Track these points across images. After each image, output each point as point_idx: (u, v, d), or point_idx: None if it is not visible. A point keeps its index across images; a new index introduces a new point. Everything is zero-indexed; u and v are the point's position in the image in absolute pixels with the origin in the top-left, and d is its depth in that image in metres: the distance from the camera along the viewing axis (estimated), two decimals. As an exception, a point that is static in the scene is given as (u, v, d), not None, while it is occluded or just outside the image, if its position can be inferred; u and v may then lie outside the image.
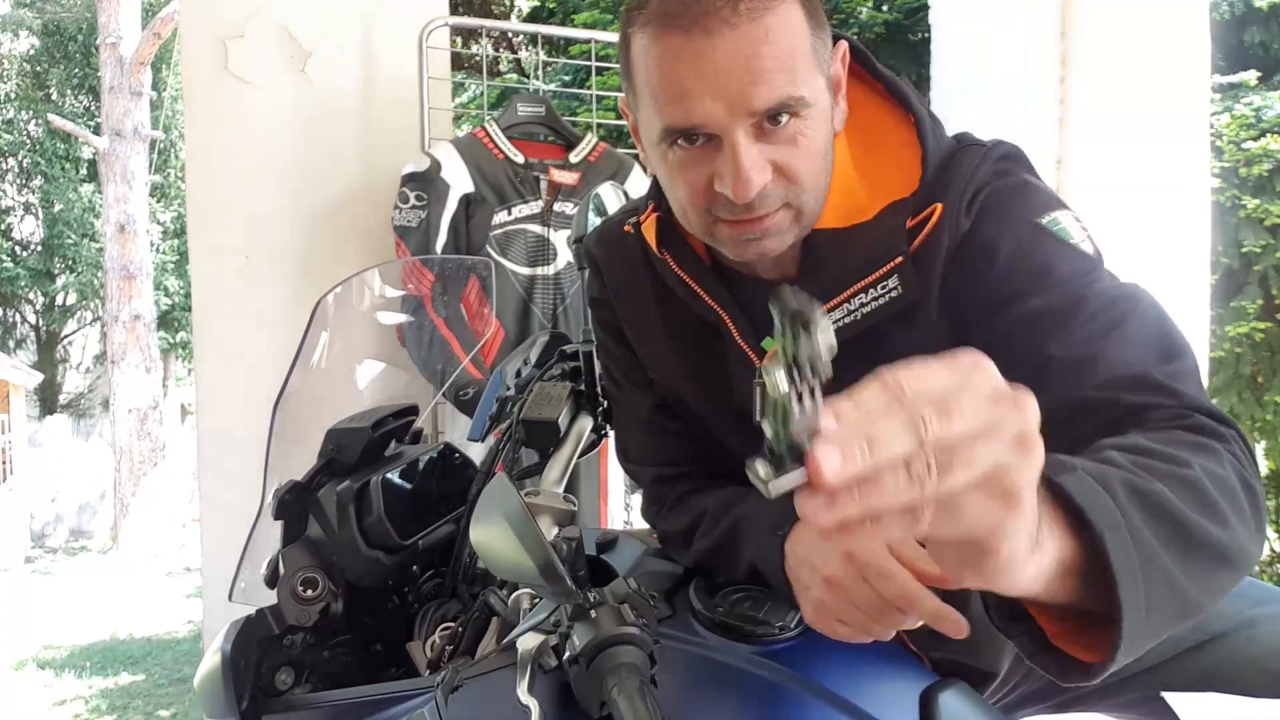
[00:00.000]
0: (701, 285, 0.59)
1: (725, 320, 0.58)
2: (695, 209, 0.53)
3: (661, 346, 0.64)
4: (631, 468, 0.71)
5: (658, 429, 0.67)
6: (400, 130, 1.67)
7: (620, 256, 0.65)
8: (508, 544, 0.46)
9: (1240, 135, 2.86)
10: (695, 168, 0.51)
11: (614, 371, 0.69)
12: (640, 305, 0.64)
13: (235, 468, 1.52)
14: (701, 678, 0.57)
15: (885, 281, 0.52)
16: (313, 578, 0.65)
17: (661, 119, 0.50)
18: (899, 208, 0.53)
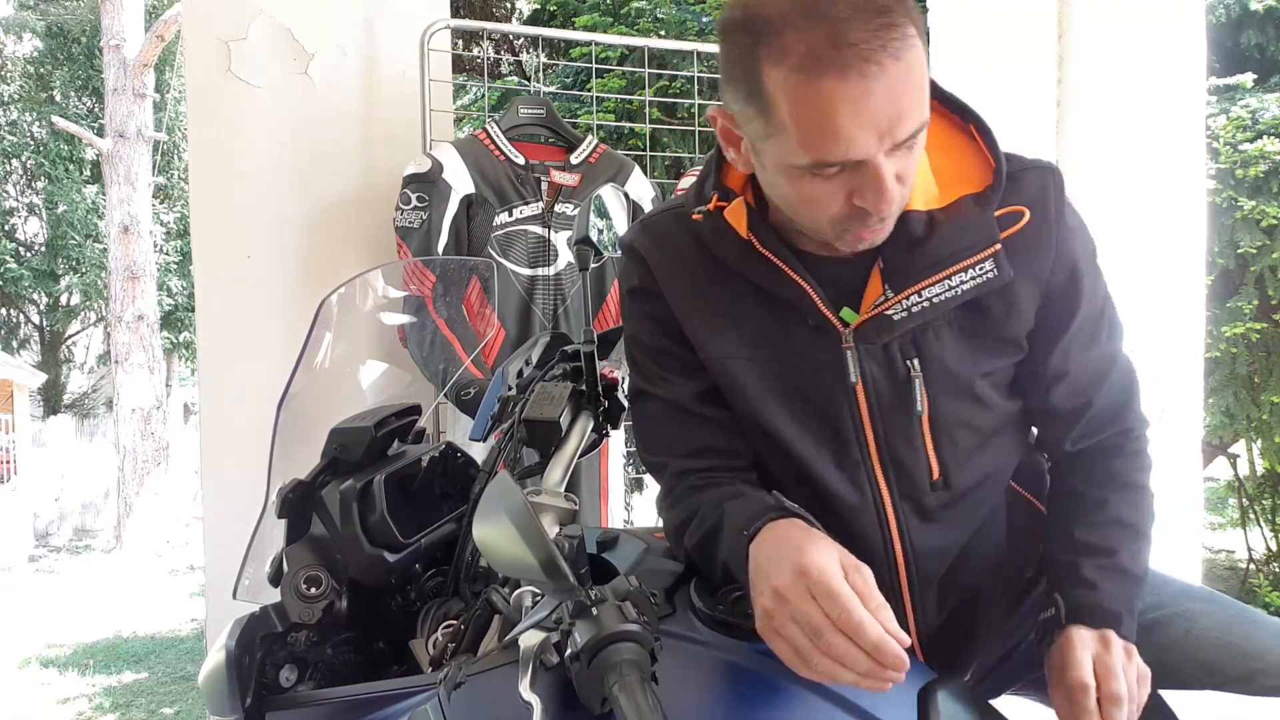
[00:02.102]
0: (787, 264, 0.63)
1: (810, 293, 0.62)
2: (829, 219, 0.58)
3: (720, 328, 0.65)
4: (653, 460, 0.69)
5: (694, 417, 0.66)
6: (402, 132, 1.67)
7: (670, 247, 0.67)
8: (510, 540, 0.46)
9: (1236, 137, 2.85)
10: (836, 191, 0.56)
11: (653, 362, 0.68)
12: (695, 290, 0.65)
13: (238, 467, 1.53)
14: (702, 675, 0.57)
15: (983, 264, 0.60)
16: (316, 576, 0.66)
17: (811, 154, 0.54)
18: (979, 200, 0.61)
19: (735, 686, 0.57)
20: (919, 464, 0.65)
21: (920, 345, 0.62)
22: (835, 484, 0.65)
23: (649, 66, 1.94)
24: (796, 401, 0.64)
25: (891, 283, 0.61)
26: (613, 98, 2.54)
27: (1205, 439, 2.68)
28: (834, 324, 0.63)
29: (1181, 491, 1.76)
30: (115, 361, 7.27)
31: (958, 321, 0.62)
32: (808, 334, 0.63)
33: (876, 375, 0.63)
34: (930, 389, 0.63)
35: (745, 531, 0.55)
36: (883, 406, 0.63)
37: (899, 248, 0.61)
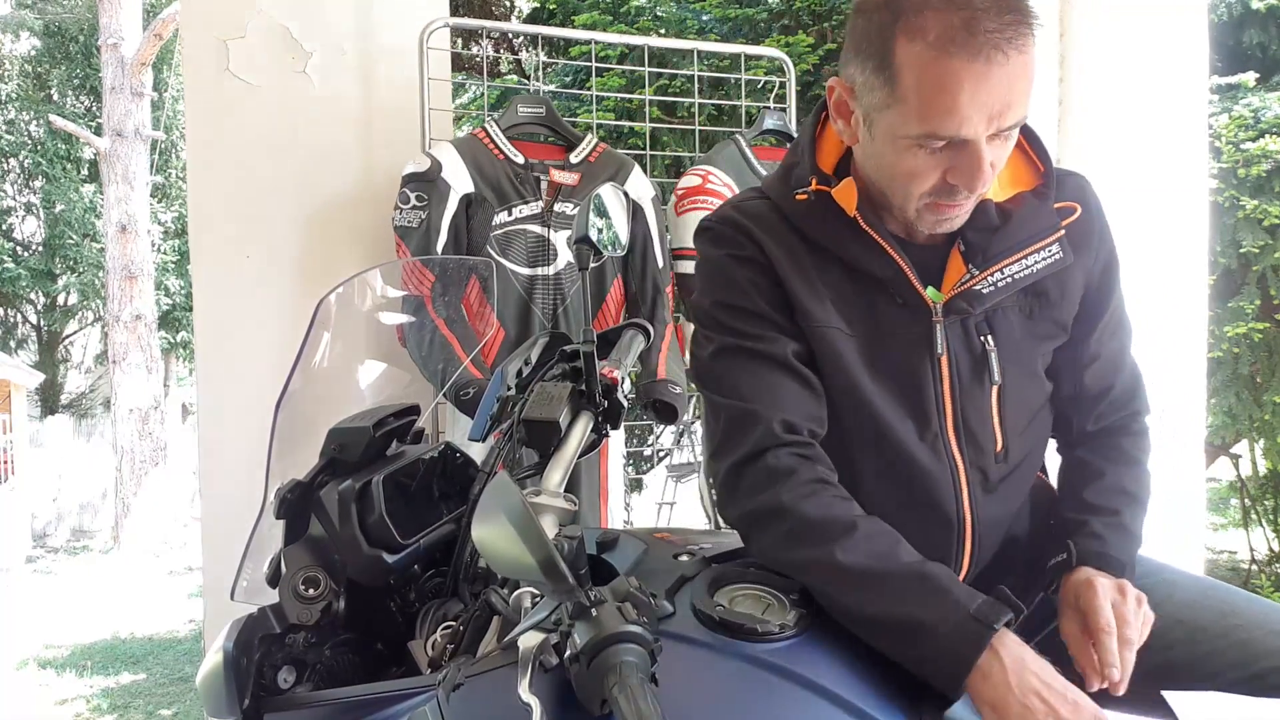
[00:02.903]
0: (886, 242, 0.69)
1: (905, 270, 0.68)
2: (920, 193, 0.64)
3: (820, 300, 0.69)
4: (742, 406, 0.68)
5: (793, 373, 0.69)
6: (401, 131, 1.67)
7: (766, 225, 0.72)
8: (509, 541, 0.46)
9: (1239, 136, 2.85)
10: (936, 166, 0.63)
11: (751, 324, 0.70)
12: (795, 263, 0.70)
13: (236, 467, 1.52)
14: (702, 676, 0.57)
15: (1051, 248, 0.69)
16: (314, 576, 0.65)
17: (926, 125, 0.61)
18: (1037, 194, 0.70)
19: (735, 687, 0.56)
20: (987, 435, 0.71)
21: (993, 324, 0.70)
22: (917, 454, 0.69)
23: (649, 65, 1.94)
24: (885, 374, 0.69)
25: (974, 262, 0.68)
26: (612, 96, 2.53)
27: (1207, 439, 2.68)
28: (924, 300, 0.69)
29: (1184, 492, 1.76)
30: (113, 361, 7.26)
31: (1021, 304, 0.70)
32: (896, 311, 0.69)
33: (957, 349, 0.69)
34: (1002, 364, 0.69)
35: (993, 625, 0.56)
36: (962, 379, 0.69)
37: (979, 232, 0.69)
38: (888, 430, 0.69)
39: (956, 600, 0.58)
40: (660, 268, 1.58)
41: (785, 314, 0.70)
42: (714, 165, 1.60)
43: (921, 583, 0.59)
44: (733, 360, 0.70)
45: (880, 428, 0.69)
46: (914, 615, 0.58)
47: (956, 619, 0.57)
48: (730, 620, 0.58)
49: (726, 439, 0.68)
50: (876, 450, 0.70)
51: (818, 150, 0.72)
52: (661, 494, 2.20)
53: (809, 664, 0.58)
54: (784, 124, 1.73)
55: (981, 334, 0.69)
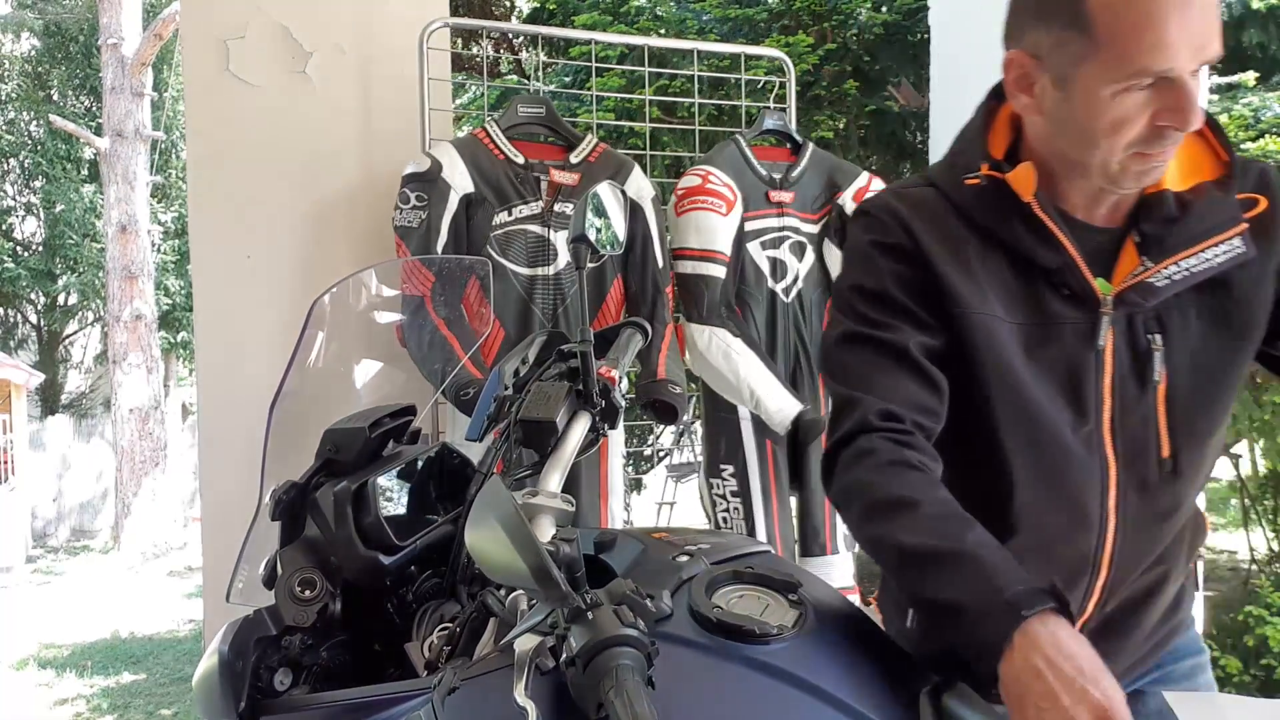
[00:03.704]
0: (1060, 230, 0.66)
1: (1076, 260, 0.66)
2: (1126, 143, 0.62)
3: (980, 288, 0.67)
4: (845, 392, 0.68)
5: (912, 365, 0.67)
6: (400, 131, 1.67)
7: (927, 213, 0.70)
8: (501, 548, 0.46)
9: (1239, 136, 2.85)
10: (1145, 107, 0.60)
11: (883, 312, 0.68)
12: (955, 251, 0.68)
13: (237, 467, 1.52)
14: (700, 678, 0.56)
15: (1233, 241, 0.66)
16: (310, 578, 0.65)
17: (1133, 64, 0.59)
18: (1219, 185, 0.67)
19: (733, 689, 0.56)
20: (1150, 438, 0.68)
21: (1164, 323, 0.67)
22: (1070, 446, 0.67)
23: (649, 65, 1.94)
24: (1043, 364, 0.67)
25: (1150, 254, 0.66)
26: (612, 96, 2.53)
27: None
28: (1093, 291, 0.66)
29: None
30: (113, 361, 7.27)
31: (1199, 304, 0.67)
32: (1062, 302, 0.67)
33: (1121, 345, 0.67)
34: (1170, 365, 0.67)
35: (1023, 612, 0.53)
36: (1123, 375, 0.67)
37: (1156, 223, 0.66)
38: (1040, 420, 0.66)
39: (996, 585, 0.55)
40: (660, 268, 1.58)
41: (925, 306, 0.67)
42: (714, 165, 1.60)
43: (969, 565, 0.57)
44: (854, 346, 0.69)
45: (1032, 416, 0.66)
46: (956, 599, 0.56)
47: (991, 603, 0.55)
48: (728, 622, 0.58)
49: (832, 422, 0.69)
50: (1026, 440, 0.67)
51: (990, 135, 0.70)
52: (661, 494, 2.20)
53: (807, 665, 0.57)
54: (784, 124, 1.73)
55: (1150, 331, 0.67)
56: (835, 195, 1.66)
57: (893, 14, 2.81)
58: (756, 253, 1.61)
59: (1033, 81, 0.65)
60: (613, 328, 0.83)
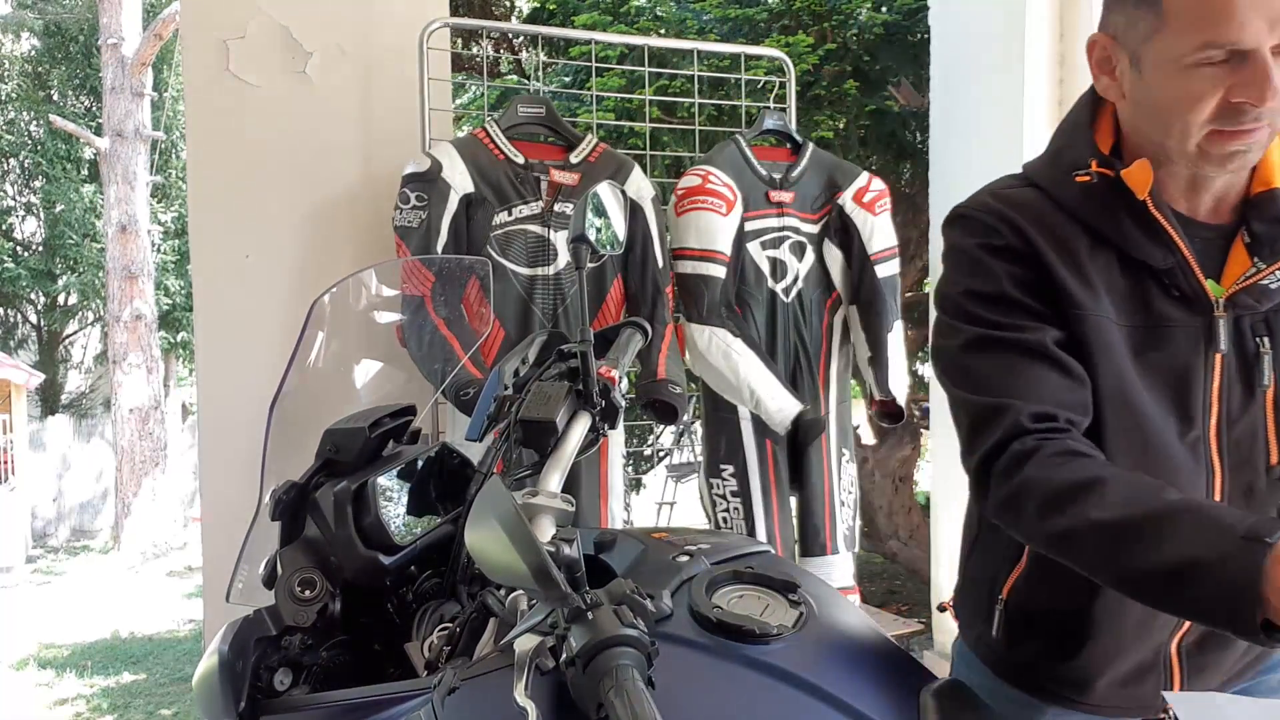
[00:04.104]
0: (1174, 230, 0.64)
1: (1189, 261, 0.63)
2: (1200, 121, 0.60)
3: (1092, 288, 0.65)
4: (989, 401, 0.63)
5: (1051, 361, 0.64)
6: (400, 131, 1.67)
7: (1032, 213, 0.67)
8: (501, 548, 0.46)
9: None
10: (1218, 82, 0.58)
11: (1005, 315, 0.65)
12: (1065, 250, 0.65)
13: (237, 467, 1.51)
14: (700, 678, 0.56)
15: None
16: (310, 578, 0.65)
17: (1201, 36, 0.57)
18: None
19: (733, 689, 0.56)
20: (1258, 444, 0.66)
21: (1271, 326, 0.65)
22: (1175, 454, 0.65)
23: (649, 65, 1.94)
24: (1153, 368, 0.65)
25: (1261, 255, 0.64)
26: (612, 96, 2.53)
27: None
28: (1205, 293, 0.64)
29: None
30: (113, 361, 7.27)
31: None
32: (1171, 304, 0.65)
33: (1230, 348, 0.65)
34: (1278, 369, 0.64)
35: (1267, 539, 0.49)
36: (1230, 381, 0.65)
37: (1268, 223, 0.64)
38: (1148, 426, 0.64)
39: (1225, 525, 0.51)
40: (660, 268, 1.58)
41: (1046, 303, 0.65)
42: (714, 165, 1.60)
43: (1186, 519, 0.53)
44: (984, 352, 0.65)
45: (1140, 422, 0.64)
46: (1184, 554, 0.52)
47: (1228, 544, 0.50)
48: (728, 621, 0.58)
49: (974, 434, 0.65)
50: (1133, 445, 0.64)
51: (1095, 131, 0.67)
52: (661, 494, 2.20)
53: (807, 665, 0.57)
54: (784, 124, 1.73)
55: (1258, 334, 0.64)
56: (835, 195, 1.66)
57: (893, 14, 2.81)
58: (756, 253, 1.61)
59: (1114, 64, 0.64)
60: (613, 328, 0.83)
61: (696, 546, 0.70)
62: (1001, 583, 0.73)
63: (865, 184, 1.66)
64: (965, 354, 0.67)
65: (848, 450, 1.69)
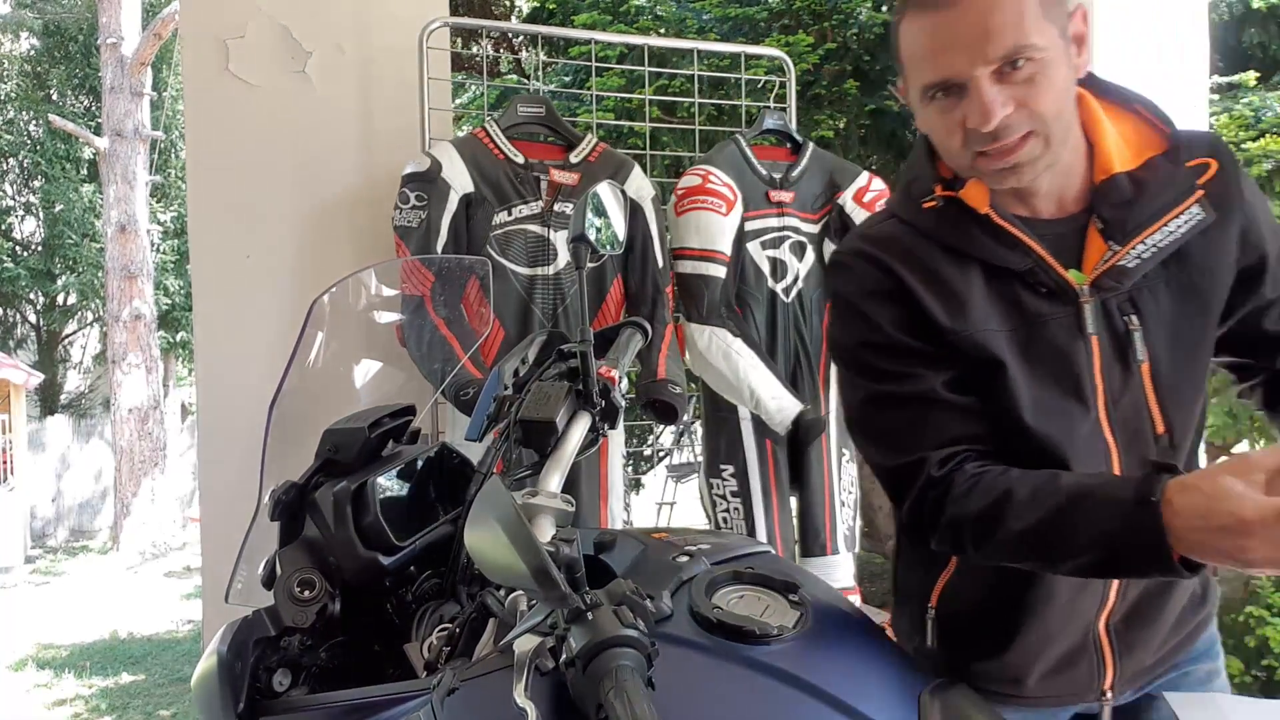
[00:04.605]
0: (1022, 232, 0.68)
1: (1045, 257, 0.67)
2: (958, 148, 0.66)
3: (964, 307, 0.69)
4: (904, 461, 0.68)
5: (945, 404, 0.68)
6: (400, 130, 1.66)
7: (898, 247, 0.71)
8: (501, 548, 0.46)
9: (1239, 135, 2.85)
10: (950, 113, 0.64)
11: (894, 361, 0.70)
12: (932, 278, 0.69)
13: (236, 468, 1.52)
14: (700, 679, 0.56)
15: (1192, 209, 0.67)
16: (310, 579, 0.65)
17: (918, 81, 0.65)
18: (1168, 157, 0.68)
19: (733, 690, 0.56)
20: (1144, 419, 0.69)
21: (1137, 303, 0.68)
22: (1076, 439, 0.67)
23: (649, 65, 1.93)
24: (1041, 364, 0.68)
25: (1114, 238, 0.67)
26: (612, 96, 2.53)
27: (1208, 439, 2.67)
28: (1069, 283, 0.67)
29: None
30: (112, 361, 7.26)
31: (1168, 278, 0.68)
32: (1041, 300, 0.68)
33: (1101, 331, 0.68)
34: (1150, 342, 0.68)
35: (1150, 498, 0.56)
36: (1108, 361, 0.68)
37: (1114, 207, 0.67)
38: (1049, 418, 0.67)
39: (1119, 498, 0.58)
40: (660, 268, 1.58)
41: (931, 339, 0.69)
42: (714, 165, 1.60)
43: (1084, 503, 0.59)
44: (885, 410, 0.70)
45: (1041, 417, 0.67)
46: (1098, 533, 0.58)
47: (1127, 515, 0.57)
48: (728, 622, 0.58)
49: (895, 494, 0.70)
50: (1038, 441, 0.67)
51: (937, 159, 0.72)
52: (661, 494, 2.19)
53: (808, 666, 0.57)
54: (784, 124, 1.72)
55: (1125, 314, 0.68)
56: (835, 195, 1.65)
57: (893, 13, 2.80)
58: (756, 252, 1.61)
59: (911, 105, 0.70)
60: (613, 328, 0.83)
61: (696, 547, 0.70)
62: (930, 592, 0.76)
63: (866, 184, 1.66)
64: (869, 412, 0.72)
65: (848, 450, 1.69)
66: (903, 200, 0.73)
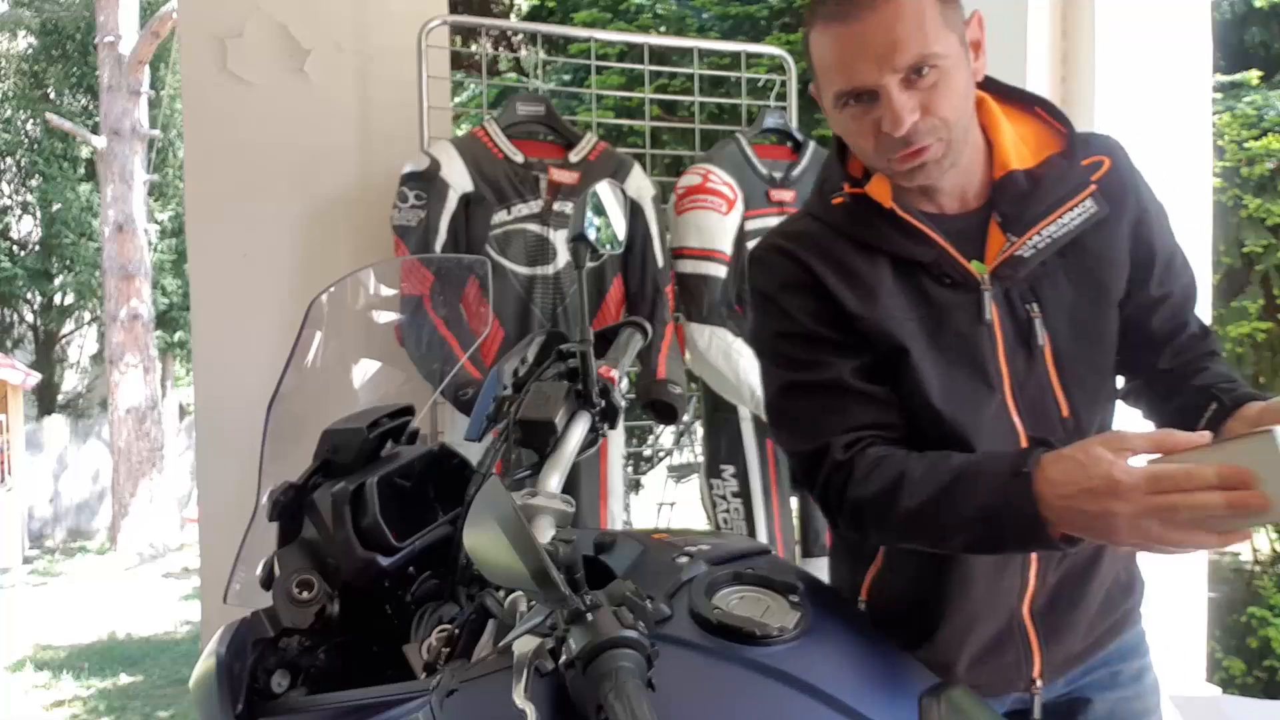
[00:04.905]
0: (924, 225, 0.71)
1: (947, 248, 0.71)
2: (873, 152, 0.69)
3: (874, 298, 0.72)
4: (811, 448, 0.72)
5: (853, 393, 0.71)
6: (399, 129, 1.66)
7: (809, 241, 0.75)
8: (500, 549, 0.46)
9: (1241, 134, 2.85)
10: (864, 119, 0.68)
11: (806, 350, 0.73)
12: (844, 271, 0.73)
13: (234, 468, 1.51)
14: (700, 680, 0.56)
15: (1085, 203, 0.71)
16: (308, 579, 0.65)
17: (831, 89, 0.68)
18: (1064, 155, 0.72)
19: (733, 692, 0.56)
20: (1049, 402, 0.72)
21: (1038, 292, 0.72)
22: (982, 423, 0.71)
23: (649, 63, 1.93)
24: (948, 350, 0.72)
25: (1012, 230, 0.71)
26: (612, 95, 2.53)
27: (1208, 439, 2.67)
28: (970, 273, 0.71)
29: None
30: (109, 361, 7.25)
31: (1067, 268, 0.72)
32: (946, 290, 0.72)
33: (1003, 318, 0.72)
34: (1050, 328, 0.71)
35: (1023, 469, 0.60)
36: (1012, 347, 0.72)
37: (1012, 202, 0.72)
38: (955, 401, 0.71)
39: (997, 471, 0.62)
40: (660, 267, 1.58)
41: (841, 329, 0.72)
42: (714, 164, 1.59)
43: (966, 478, 0.63)
44: (795, 398, 0.74)
45: (947, 401, 0.71)
46: (979, 506, 0.62)
47: (1004, 487, 0.60)
48: (728, 623, 0.58)
49: (806, 478, 0.74)
50: (946, 424, 0.71)
51: (847, 159, 0.76)
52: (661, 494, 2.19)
53: (808, 667, 0.57)
54: (785, 122, 1.72)
55: (1026, 301, 0.71)
56: (835, 194, 1.65)
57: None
58: (756, 252, 1.61)
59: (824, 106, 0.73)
60: (612, 327, 0.83)
61: (697, 547, 0.70)
62: (860, 585, 0.79)
63: (865, 183, 1.66)
64: (782, 399, 0.75)
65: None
66: (815, 199, 0.78)
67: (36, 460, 8.47)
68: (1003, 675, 0.74)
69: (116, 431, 7.23)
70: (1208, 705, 0.69)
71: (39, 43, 10.60)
